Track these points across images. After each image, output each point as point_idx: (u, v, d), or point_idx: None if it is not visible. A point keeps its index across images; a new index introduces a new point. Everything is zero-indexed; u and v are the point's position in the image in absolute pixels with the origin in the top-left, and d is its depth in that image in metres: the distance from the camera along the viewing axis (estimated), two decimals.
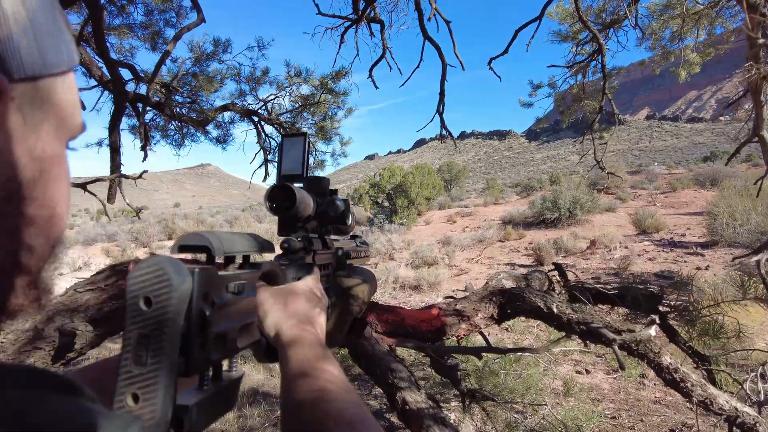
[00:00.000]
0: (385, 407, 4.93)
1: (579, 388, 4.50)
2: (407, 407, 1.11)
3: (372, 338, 1.32)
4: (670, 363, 1.30)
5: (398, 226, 19.50)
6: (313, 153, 5.33)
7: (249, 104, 5.17)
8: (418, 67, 3.77)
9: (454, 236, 15.61)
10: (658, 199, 19.24)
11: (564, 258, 11.61)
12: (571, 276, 1.82)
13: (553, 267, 1.92)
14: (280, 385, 0.61)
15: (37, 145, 0.36)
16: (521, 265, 11.53)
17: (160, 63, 3.77)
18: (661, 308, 1.68)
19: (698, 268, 9.35)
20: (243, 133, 5.15)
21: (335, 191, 1.02)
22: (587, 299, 1.45)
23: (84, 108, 0.42)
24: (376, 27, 4.35)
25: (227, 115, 4.95)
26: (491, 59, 3.99)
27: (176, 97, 4.83)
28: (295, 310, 0.70)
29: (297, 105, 5.03)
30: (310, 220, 0.91)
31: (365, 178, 27.20)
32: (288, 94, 4.98)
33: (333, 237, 1.22)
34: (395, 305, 1.45)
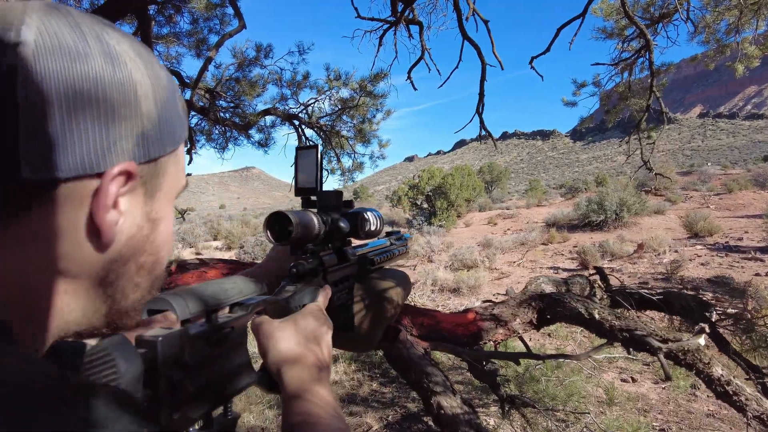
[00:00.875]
0: (422, 411, 4.92)
1: (625, 397, 4.32)
2: (442, 412, 1.10)
3: (407, 341, 1.32)
4: (722, 374, 1.23)
5: (437, 228, 19.37)
6: (352, 155, 5.40)
7: (290, 108, 5.29)
8: (456, 67, 3.74)
9: (495, 239, 15.35)
10: (712, 201, 18.26)
11: (610, 262, 11.19)
12: (614, 281, 1.75)
13: (594, 271, 1.86)
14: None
15: (153, 208, 0.48)
16: (565, 269, 11.21)
17: (203, 69, 3.91)
18: (712, 315, 1.59)
19: (757, 274, 8.80)
20: (284, 136, 5.29)
21: (350, 203, 1.01)
22: (630, 305, 1.39)
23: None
24: (414, 29, 4.35)
25: (269, 119, 5.09)
26: (533, 58, 3.90)
27: (220, 102, 4.99)
28: (304, 327, 0.72)
29: (336, 108, 5.10)
30: (320, 237, 0.89)
31: (404, 179, 27.17)
32: (328, 97, 5.06)
33: (360, 243, 1.22)
34: (430, 308, 1.45)
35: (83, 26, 0.41)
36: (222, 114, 4.89)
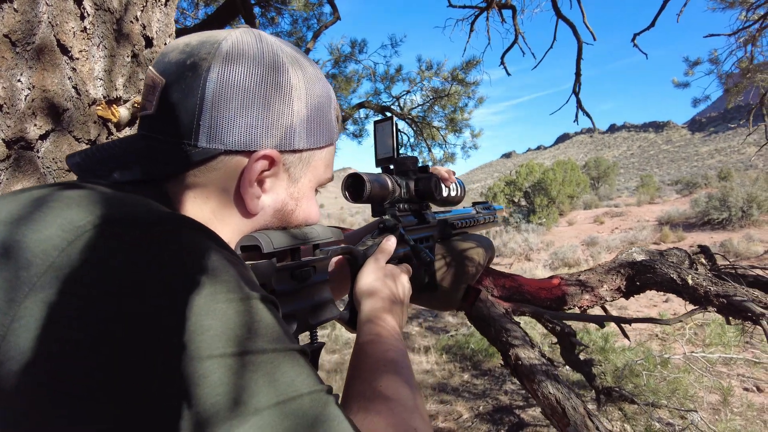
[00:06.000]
0: (514, 403, 4.80)
1: (746, 405, 3.83)
2: (519, 362, 1.12)
3: (488, 301, 1.35)
4: None
5: (536, 226, 18.53)
6: (443, 146, 5.42)
7: (383, 102, 5.45)
8: (551, 47, 3.60)
9: (601, 237, 14.34)
10: None
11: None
12: (722, 262, 1.60)
13: (698, 249, 1.72)
14: None
15: (296, 190, 0.61)
16: None
17: None
18: None
19: None
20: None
21: (426, 168, 1.06)
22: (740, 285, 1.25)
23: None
24: (507, 13, 4.27)
25: (362, 111, 5.30)
26: (635, 35, 3.63)
27: None
28: (382, 266, 0.82)
29: (428, 99, 5.15)
30: (396, 198, 0.95)
31: (500, 176, 26.38)
32: (419, 89, 5.14)
33: (442, 209, 1.26)
34: (513, 273, 1.45)
35: (264, 42, 0.56)
36: None
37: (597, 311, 1.64)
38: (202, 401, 0.31)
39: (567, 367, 2.52)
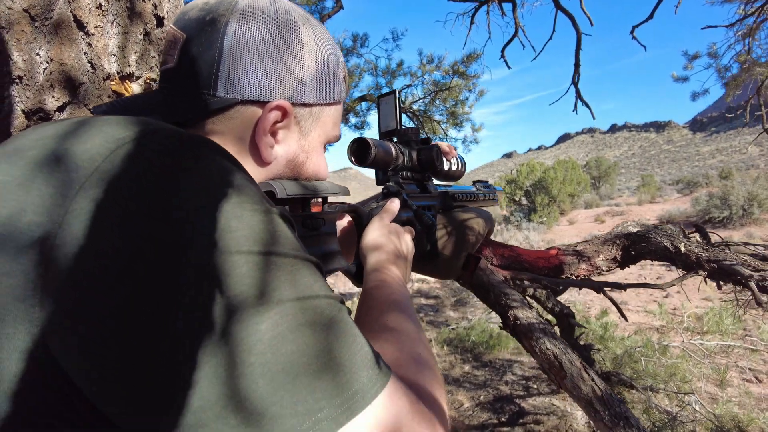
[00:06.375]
0: (515, 393, 4.84)
1: (744, 392, 3.86)
2: (518, 322, 1.16)
3: (487, 269, 1.39)
4: None
5: (537, 225, 18.55)
6: (444, 140, 5.45)
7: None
8: (550, 38, 3.65)
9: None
10: None
11: None
12: (716, 239, 1.64)
13: (693, 229, 1.76)
14: None
15: (306, 143, 0.65)
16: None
17: None
18: None
19: None
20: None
21: (427, 140, 1.10)
22: None
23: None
24: (507, 7, 4.32)
25: (364, 104, 5.34)
26: (634, 27, 3.67)
27: None
28: (387, 224, 0.87)
29: (429, 92, 5.20)
30: (403, 168, 0.99)
31: (501, 176, 26.39)
32: (420, 83, 5.20)
33: (444, 183, 1.30)
34: (512, 245, 1.50)
35: (278, 4, 0.61)
36: None
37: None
38: (232, 291, 0.35)
39: None
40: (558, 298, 1.81)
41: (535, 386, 4.88)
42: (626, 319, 2.01)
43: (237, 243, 0.37)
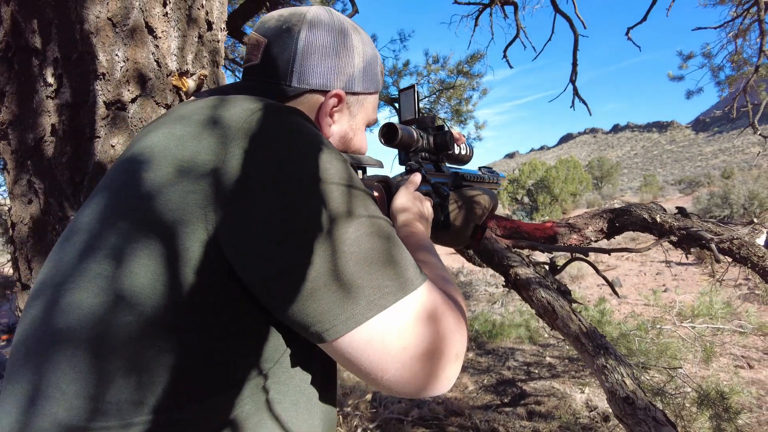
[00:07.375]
0: (517, 377, 5.06)
1: (734, 374, 4.06)
2: (518, 277, 1.39)
3: (492, 238, 1.62)
4: None
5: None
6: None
7: (392, 95, 5.73)
8: (549, 40, 3.88)
9: None
10: None
11: None
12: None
13: (676, 210, 1.99)
14: None
15: (353, 123, 0.82)
16: (678, 263, 10.39)
17: None
18: None
19: None
20: (386, 119, 5.73)
21: (441, 127, 1.29)
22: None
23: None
24: (509, 9, 4.54)
25: None
26: (629, 29, 3.89)
27: None
28: (412, 191, 1.05)
29: (435, 91, 5.42)
30: (422, 150, 1.18)
31: (504, 175, 26.50)
32: (426, 82, 5.43)
33: (454, 165, 1.52)
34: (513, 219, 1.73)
35: (334, 15, 0.78)
36: None
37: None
38: (330, 207, 0.52)
39: (566, 342, 2.71)
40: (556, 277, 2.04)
41: (536, 371, 5.10)
42: (617, 295, 2.23)
43: (331, 177, 0.54)
